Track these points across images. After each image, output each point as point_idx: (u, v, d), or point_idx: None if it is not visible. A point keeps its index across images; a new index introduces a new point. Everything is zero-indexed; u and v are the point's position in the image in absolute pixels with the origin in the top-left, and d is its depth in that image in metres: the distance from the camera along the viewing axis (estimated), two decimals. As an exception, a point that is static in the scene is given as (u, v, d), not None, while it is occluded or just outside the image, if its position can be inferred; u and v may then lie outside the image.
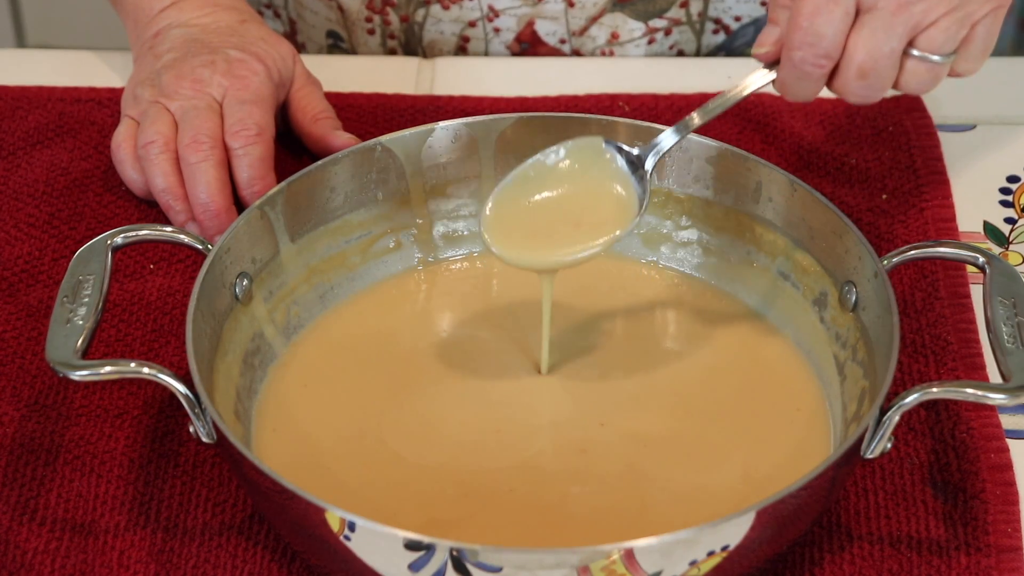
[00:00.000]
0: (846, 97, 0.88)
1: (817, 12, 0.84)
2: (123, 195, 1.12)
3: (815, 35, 0.85)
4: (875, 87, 0.87)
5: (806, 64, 0.86)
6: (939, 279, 1.04)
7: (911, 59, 0.86)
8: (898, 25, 0.84)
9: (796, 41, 0.86)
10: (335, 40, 1.29)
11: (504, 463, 0.91)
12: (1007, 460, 0.93)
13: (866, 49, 0.85)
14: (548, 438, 0.93)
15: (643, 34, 1.24)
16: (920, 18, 0.84)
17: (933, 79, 0.87)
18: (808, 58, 0.86)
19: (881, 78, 0.86)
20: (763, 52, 0.90)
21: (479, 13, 1.24)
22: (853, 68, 0.86)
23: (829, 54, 0.85)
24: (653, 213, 1.02)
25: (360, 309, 1.01)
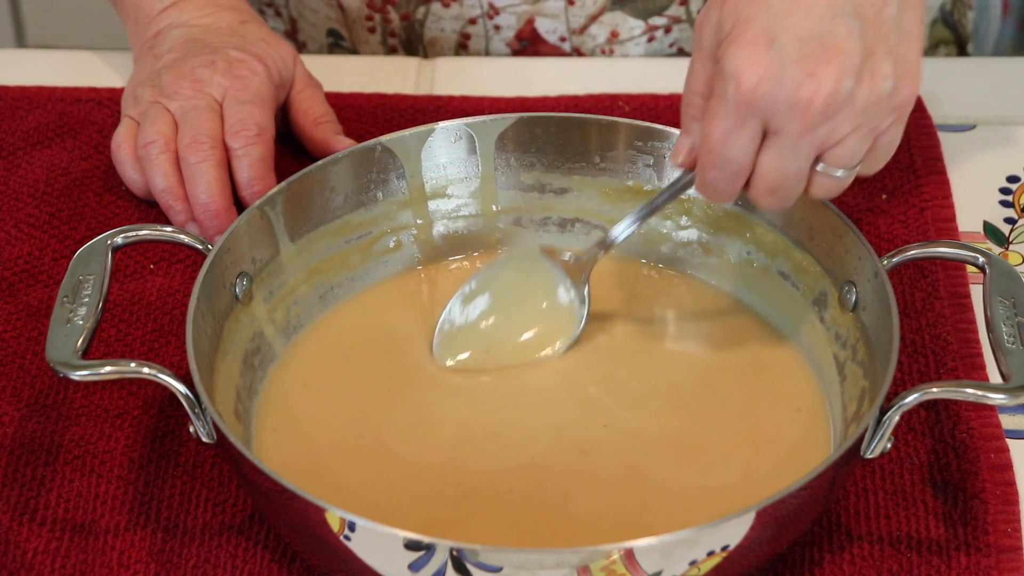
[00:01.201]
0: (757, 206, 0.91)
1: (725, 138, 0.87)
2: (123, 195, 1.12)
3: (725, 159, 0.87)
4: (784, 200, 0.89)
5: (719, 184, 0.89)
6: (939, 279, 1.04)
7: (818, 174, 0.88)
8: (804, 147, 0.86)
9: (708, 163, 0.88)
10: (336, 39, 1.29)
11: (504, 464, 0.91)
12: (1007, 460, 0.93)
13: (773, 169, 0.87)
14: (548, 438, 0.93)
15: (643, 32, 1.25)
16: (825, 138, 0.86)
17: (839, 189, 0.89)
18: (721, 178, 0.89)
19: (789, 192, 0.89)
20: (679, 161, 0.93)
21: (479, 10, 1.24)
22: (762, 186, 0.88)
23: (740, 172, 0.88)
24: (653, 213, 1.03)
25: (360, 309, 1.01)
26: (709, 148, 0.87)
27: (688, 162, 0.92)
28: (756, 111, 0.85)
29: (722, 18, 0.87)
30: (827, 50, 0.85)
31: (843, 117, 0.85)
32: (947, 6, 1.32)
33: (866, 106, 0.86)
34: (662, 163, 1.01)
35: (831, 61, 0.85)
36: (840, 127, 0.86)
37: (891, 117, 0.87)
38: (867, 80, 0.85)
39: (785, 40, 0.85)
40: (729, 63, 0.85)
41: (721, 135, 0.86)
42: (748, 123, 0.86)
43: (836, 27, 0.85)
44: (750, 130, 0.86)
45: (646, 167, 1.01)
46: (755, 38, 0.85)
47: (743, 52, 0.85)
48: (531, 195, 1.04)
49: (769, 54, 0.85)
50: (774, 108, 0.85)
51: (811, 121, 0.85)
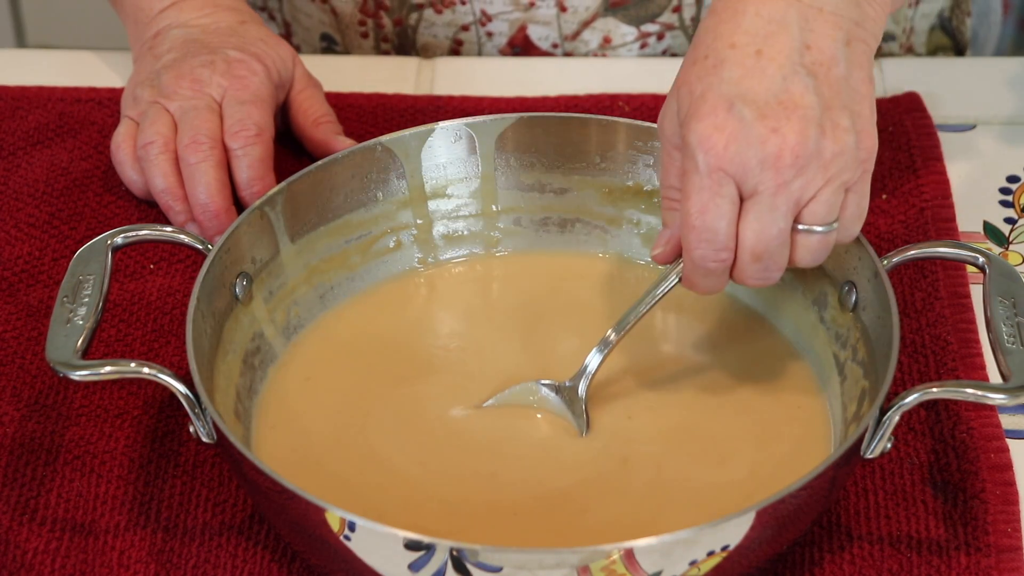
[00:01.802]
0: (744, 282, 0.90)
1: (705, 209, 0.87)
2: (123, 195, 1.12)
3: (709, 231, 0.87)
4: (771, 268, 0.89)
5: (707, 260, 0.89)
6: (939, 279, 1.04)
7: (799, 234, 0.89)
8: (781, 205, 0.87)
9: (693, 241, 0.88)
10: (329, 43, 1.29)
11: (504, 464, 0.91)
12: (1007, 460, 0.93)
13: (755, 233, 0.88)
14: (548, 439, 0.93)
15: (635, 39, 1.24)
16: (800, 194, 0.87)
17: (823, 248, 0.89)
18: (708, 254, 0.88)
19: (775, 258, 0.89)
20: (659, 253, 0.93)
21: (472, 17, 1.24)
22: (747, 253, 0.88)
23: (727, 245, 0.88)
24: (653, 213, 1.03)
25: (360, 309, 1.01)
26: (691, 224, 0.87)
27: (668, 253, 0.92)
28: (729, 173, 0.86)
29: (679, 102, 0.89)
30: (786, 107, 0.86)
31: (814, 170, 0.86)
32: (945, 12, 1.32)
33: (833, 157, 0.86)
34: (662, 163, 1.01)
35: (791, 116, 0.86)
36: (813, 180, 0.87)
37: (858, 171, 0.88)
38: (830, 132, 0.86)
39: (743, 103, 0.86)
40: (694, 136, 0.86)
41: (700, 206, 0.87)
42: (724, 187, 0.86)
43: (791, 85, 0.86)
44: (727, 194, 0.87)
45: (646, 167, 1.01)
46: (714, 107, 0.86)
47: (705, 122, 0.86)
48: (531, 195, 1.04)
49: (731, 117, 0.86)
50: (746, 167, 0.86)
51: (784, 176, 0.86)
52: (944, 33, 1.33)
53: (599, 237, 1.04)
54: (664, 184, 0.92)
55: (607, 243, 1.04)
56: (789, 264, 0.90)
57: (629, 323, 0.93)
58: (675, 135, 0.90)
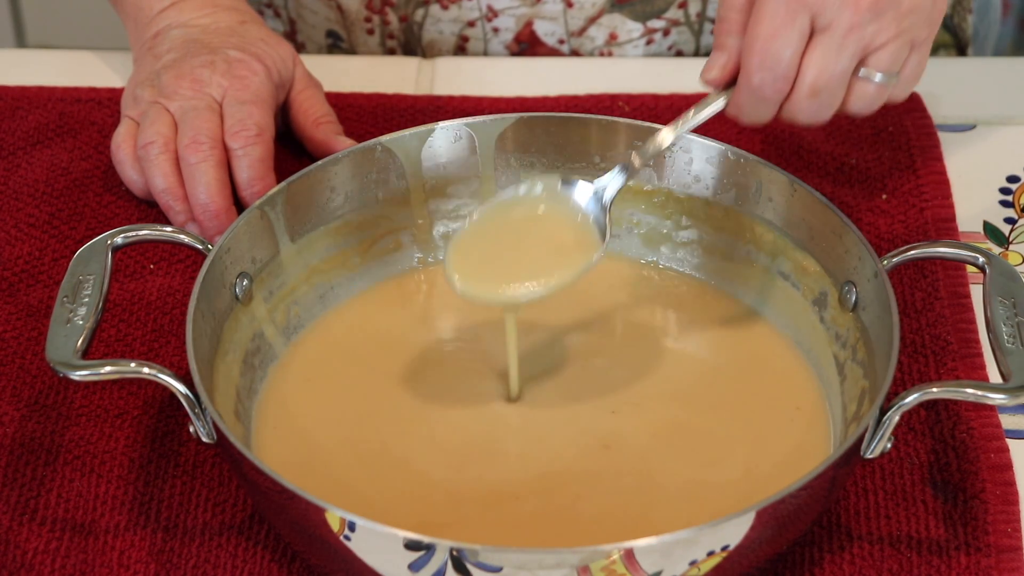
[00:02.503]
0: (795, 118, 0.90)
1: (775, 35, 0.87)
2: (123, 195, 1.12)
3: (774, 58, 0.87)
4: (825, 106, 0.89)
5: (765, 88, 0.88)
6: (939, 279, 1.04)
7: (858, 80, 0.89)
8: (850, 45, 0.87)
9: (754, 65, 0.88)
10: (335, 40, 1.29)
11: (506, 464, 0.91)
12: (1007, 460, 0.93)
13: (819, 68, 0.88)
14: (548, 439, 0.93)
15: (641, 35, 1.25)
16: (870, 39, 0.87)
17: (877, 99, 0.90)
18: (767, 81, 0.88)
19: (832, 96, 0.89)
20: (714, 77, 0.92)
21: (478, 13, 1.24)
22: (805, 87, 0.88)
23: (787, 76, 0.88)
24: (653, 213, 1.03)
25: (360, 309, 1.01)
26: (757, 48, 0.87)
27: (721, 77, 0.91)
28: (807, 5, 0.86)
29: None
30: None
31: (889, 19, 0.87)
32: (947, 10, 1.32)
33: (909, 11, 0.87)
34: (662, 163, 1.01)
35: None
36: (886, 29, 0.87)
37: (927, 31, 0.89)
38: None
39: None
40: None
41: (770, 32, 0.86)
42: (798, 18, 0.86)
43: None
44: (799, 26, 0.86)
45: (646, 167, 1.01)
46: None
47: None
48: (531, 195, 1.03)
49: None
50: (825, 2, 0.85)
51: (860, 18, 0.86)
52: (945, 30, 1.33)
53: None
54: (727, 4, 0.90)
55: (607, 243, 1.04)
56: (841, 108, 0.90)
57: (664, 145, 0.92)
58: None
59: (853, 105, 0.90)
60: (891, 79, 0.89)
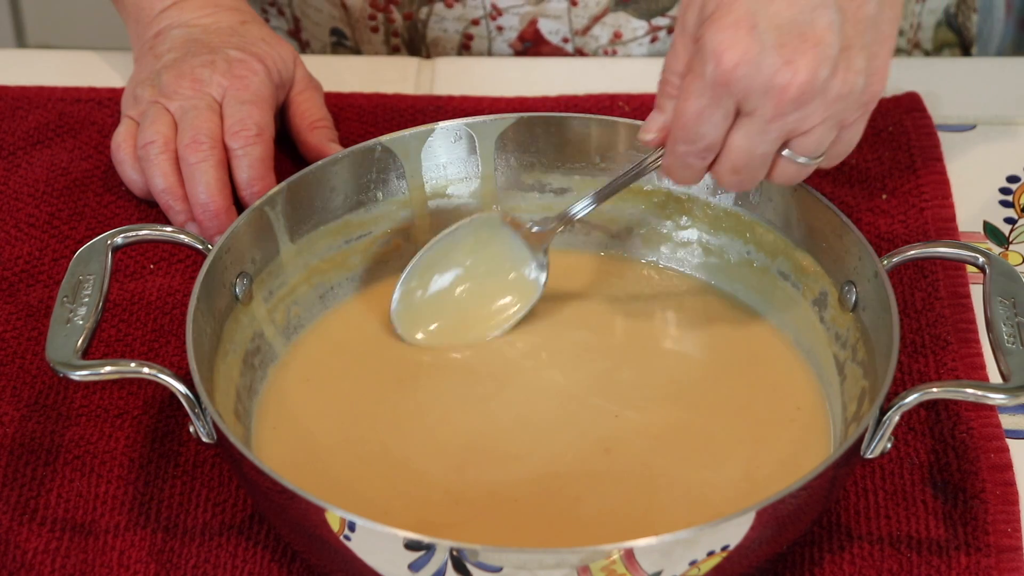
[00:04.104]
0: (719, 183, 0.92)
1: (699, 115, 0.88)
2: (123, 195, 1.12)
3: (696, 135, 0.89)
4: (746, 181, 0.91)
5: (688, 157, 0.90)
6: (939, 279, 1.04)
7: (781, 159, 0.90)
8: (773, 131, 0.88)
9: (680, 137, 0.90)
10: (339, 38, 1.29)
11: (506, 465, 0.91)
12: (1007, 460, 0.93)
13: (741, 149, 0.89)
14: (550, 440, 0.93)
15: (646, 33, 1.25)
16: (795, 126, 0.88)
17: (800, 177, 0.91)
18: (691, 152, 0.90)
19: (752, 174, 0.90)
20: (649, 138, 0.93)
21: (482, 11, 1.24)
22: (728, 164, 0.90)
23: (710, 148, 0.89)
24: (653, 213, 1.03)
25: (360, 309, 1.01)
26: (683, 123, 0.89)
27: (657, 140, 0.93)
28: (732, 91, 0.87)
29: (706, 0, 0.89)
30: (806, 40, 0.86)
31: (815, 107, 0.87)
32: (951, 9, 1.32)
33: (837, 98, 0.87)
34: (662, 163, 1.01)
35: (809, 51, 0.86)
36: (811, 116, 0.87)
37: (858, 112, 0.89)
38: (841, 73, 0.87)
39: (766, 26, 0.86)
40: (709, 43, 0.87)
41: (696, 111, 0.88)
42: (723, 102, 0.87)
43: (817, 18, 0.87)
44: (724, 109, 0.88)
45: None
46: (737, 21, 0.86)
47: (724, 33, 0.86)
48: (531, 195, 1.03)
49: (749, 38, 0.86)
50: (750, 90, 0.86)
51: (784, 107, 0.87)
52: (950, 29, 1.33)
53: (599, 237, 1.04)
54: (667, 68, 0.92)
55: (607, 243, 1.04)
56: (766, 180, 0.91)
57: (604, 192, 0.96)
58: (694, 26, 0.89)
59: (775, 180, 0.91)
60: (815, 160, 0.90)
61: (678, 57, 0.91)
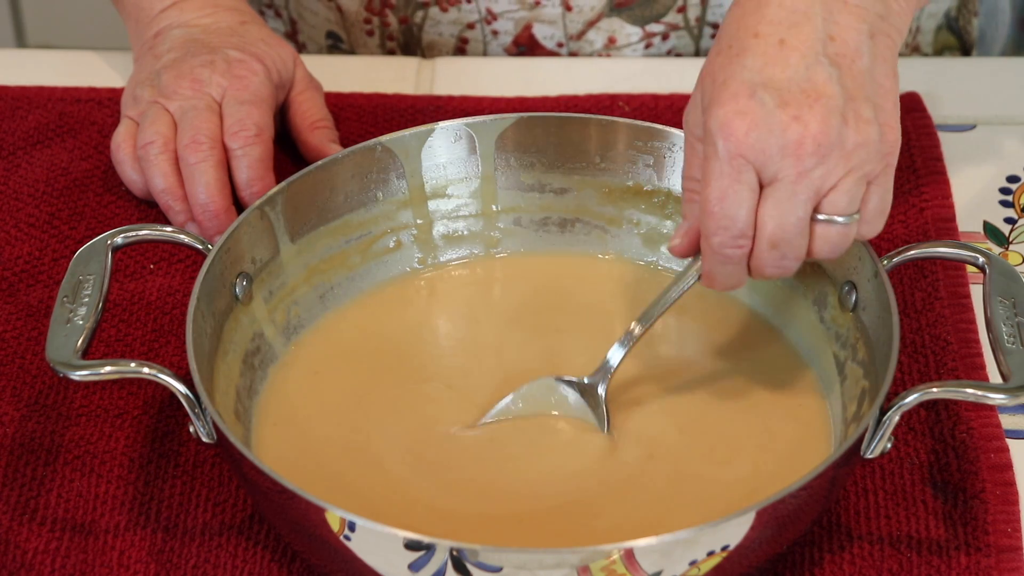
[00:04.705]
0: (763, 273, 0.89)
1: (724, 195, 0.86)
2: (123, 195, 1.12)
3: (728, 217, 0.87)
4: (788, 256, 0.88)
5: (725, 248, 0.88)
6: (939, 279, 1.04)
7: (819, 224, 0.88)
8: (801, 192, 0.86)
9: (711, 227, 0.87)
10: (335, 41, 1.29)
11: (504, 463, 0.91)
12: (1007, 460, 0.93)
13: (774, 220, 0.87)
14: (549, 438, 0.93)
15: (640, 39, 1.24)
16: (820, 183, 0.86)
17: (842, 241, 0.89)
18: (727, 241, 0.87)
19: (793, 246, 0.88)
20: (677, 244, 0.92)
21: (477, 16, 1.24)
22: (765, 241, 0.88)
23: (745, 232, 0.87)
24: (653, 213, 1.03)
25: (361, 309, 1.01)
26: (710, 211, 0.87)
27: (683, 244, 0.91)
28: (749, 159, 0.85)
29: (703, 92, 0.88)
30: (808, 95, 0.86)
31: (835, 160, 0.86)
32: (952, 12, 1.32)
33: (855, 148, 0.86)
34: (662, 163, 1.01)
35: (814, 105, 0.86)
36: (834, 170, 0.86)
37: (880, 164, 0.88)
38: (852, 122, 0.86)
39: (765, 90, 0.86)
40: (715, 122, 0.86)
41: (719, 193, 0.86)
42: (744, 174, 0.86)
43: (814, 74, 0.86)
44: (747, 182, 0.86)
45: (646, 167, 1.01)
46: (735, 93, 0.86)
47: (726, 108, 0.86)
48: (531, 195, 1.04)
49: (752, 103, 0.85)
50: (767, 154, 0.85)
51: (805, 164, 0.85)
52: (951, 33, 1.33)
53: (599, 237, 1.04)
54: (686, 176, 0.91)
55: (607, 243, 1.04)
56: (807, 256, 0.89)
57: (653, 317, 0.92)
58: (698, 126, 0.89)
59: (819, 251, 0.89)
60: (852, 219, 0.88)
61: (690, 163, 0.90)
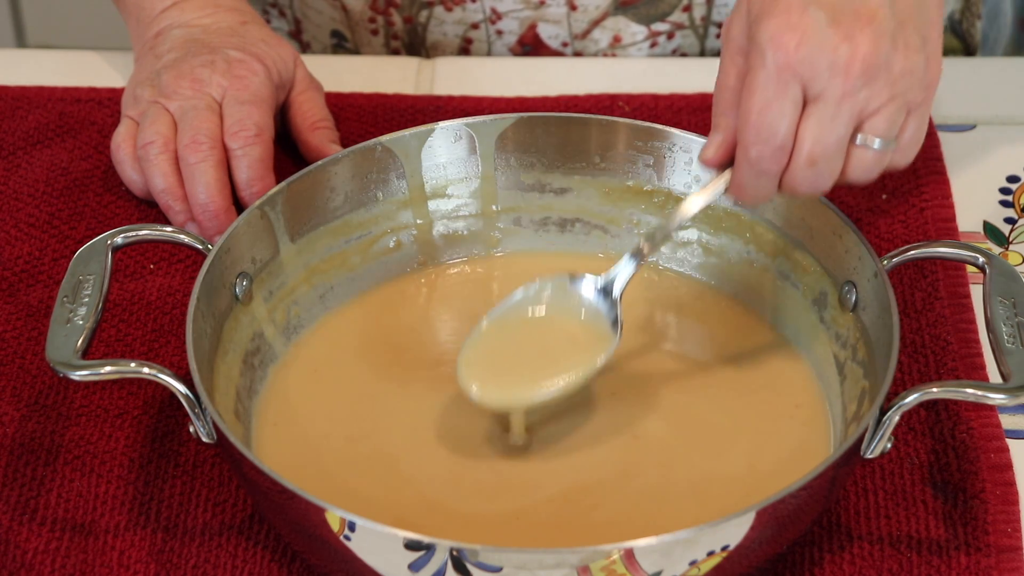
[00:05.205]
0: (795, 189, 0.89)
1: (768, 107, 0.86)
2: (123, 195, 1.12)
3: (769, 130, 0.86)
4: (824, 175, 0.88)
5: (763, 160, 0.87)
6: (939, 279, 1.04)
7: (856, 147, 0.88)
8: (844, 112, 0.86)
9: (751, 138, 0.87)
10: (339, 40, 1.29)
11: (503, 462, 0.91)
12: (1007, 460, 0.93)
13: (815, 137, 0.87)
14: (549, 439, 0.93)
15: (645, 37, 1.24)
16: (864, 104, 0.86)
17: (876, 166, 0.88)
18: (765, 153, 0.87)
19: (830, 165, 0.87)
20: (710, 156, 0.90)
21: (482, 15, 1.24)
22: (803, 157, 0.87)
23: (784, 146, 0.87)
24: (653, 213, 1.03)
25: (361, 310, 1.01)
26: (751, 121, 0.86)
27: (717, 157, 0.90)
28: (797, 74, 0.85)
29: (750, 4, 0.88)
30: (860, 16, 0.86)
31: (881, 84, 0.86)
32: (955, 15, 1.32)
33: (902, 74, 0.86)
34: (662, 163, 1.01)
35: (865, 26, 0.85)
36: (879, 94, 0.86)
37: (923, 94, 0.88)
38: (901, 48, 0.86)
39: (818, 6, 0.85)
40: (765, 33, 0.85)
41: (763, 104, 0.86)
42: (789, 88, 0.85)
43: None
44: (792, 96, 0.86)
45: (646, 167, 1.01)
46: (788, 7, 0.86)
47: (778, 20, 0.85)
48: (531, 195, 1.04)
49: (804, 18, 0.85)
50: (815, 70, 0.85)
51: (851, 84, 0.85)
52: (954, 35, 1.33)
53: (599, 237, 1.04)
54: (720, 86, 0.90)
55: (607, 243, 1.04)
56: (840, 178, 0.89)
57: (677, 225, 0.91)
58: (741, 37, 0.88)
59: (852, 173, 0.89)
60: (889, 145, 0.88)
61: (728, 73, 0.89)
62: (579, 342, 0.93)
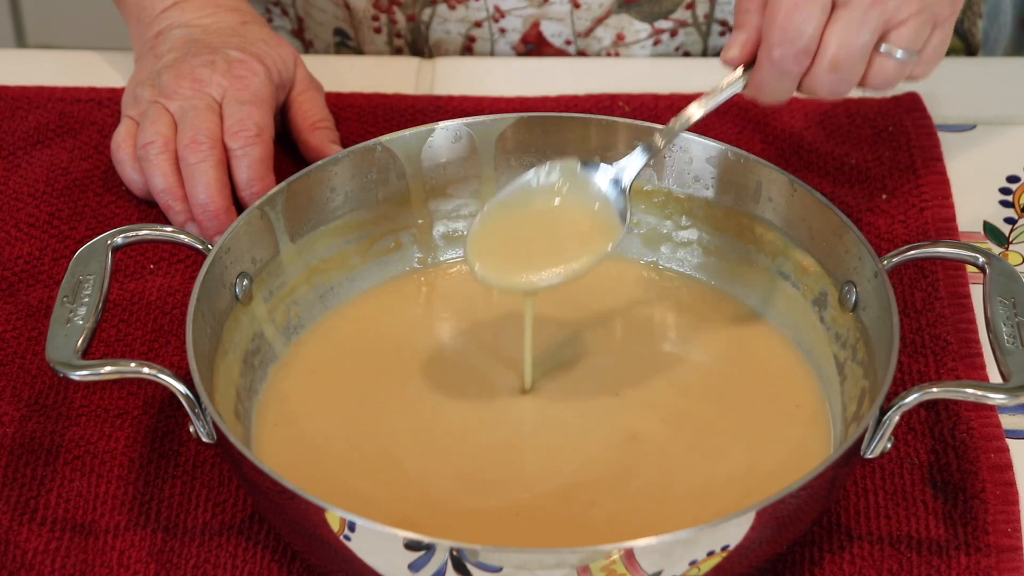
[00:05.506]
0: (815, 92, 0.89)
1: (796, 8, 0.86)
2: (123, 195, 1.12)
3: (795, 32, 0.87)
4: (845, 80, 0.89)
5: (786, 62, 0.88)
6: (939, 279, 1.04)
7: (878, 55, 0.89)
8: (872, 20, 0.87)
9: (775, 39, 0.87)
10: (342, 38, 1.29)
11: (503, 462, 0.91)
12: (1007, 460, 0.93)
13: (840, 42, 0.87)
14: (549, 438, 0.93)
15: (649, 35, 1.24)
16: (892, 14, 0.87)
17: (896, 75, 0.89)
18: (789, 55, 0.88)
19: (852, 71, 0.88)
20: (733, 55, 0.91)
21: (485, 13, 1.24)
22: (826, 61, 0.88)
23: (808, 49, 0.88)
24: (653, 213, 1.03)
25: (361, 309, 1.01)
26: (778, 22, 0.87)
27: (741, 55, 0.90)
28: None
29: None
30: None
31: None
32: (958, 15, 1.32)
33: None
34: (662, 163, 1.01)
35: None
36: (907, 4, 0.87)
37: (949, 9, 0.88)
38: None
39: None
40: None
41: (791, 5, 0.86)
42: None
43: None
44: (821, 1, 0.86)
45: (646, 167, 1.01)
46: None
47: None
48: (531, 195, 1.03)
49: None
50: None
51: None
52: (956, 35, 1.33)
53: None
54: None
55: (607, 243, 1.04)
56: (860, 83, 0.89)
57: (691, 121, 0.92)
58: None
59: (872, 80, 0.89)
60: (912, 56, 0.88)
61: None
62: (586, 230, 0.93)
